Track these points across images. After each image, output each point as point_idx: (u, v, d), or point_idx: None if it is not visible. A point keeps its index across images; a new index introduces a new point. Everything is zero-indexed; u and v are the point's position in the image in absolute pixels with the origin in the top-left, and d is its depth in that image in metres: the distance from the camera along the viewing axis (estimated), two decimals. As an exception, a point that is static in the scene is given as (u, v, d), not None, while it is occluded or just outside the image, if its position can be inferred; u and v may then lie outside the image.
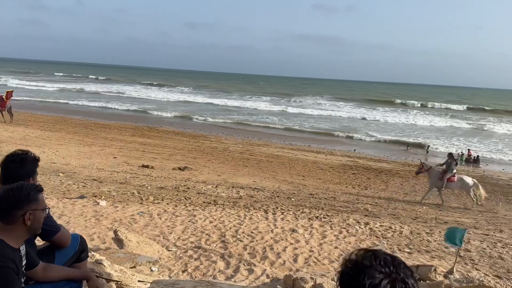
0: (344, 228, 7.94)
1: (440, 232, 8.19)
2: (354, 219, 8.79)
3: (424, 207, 11.76)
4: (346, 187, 14.15)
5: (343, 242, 7.03)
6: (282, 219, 8.25)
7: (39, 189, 2.23)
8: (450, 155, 13.60)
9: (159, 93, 58.09)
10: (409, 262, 5.91)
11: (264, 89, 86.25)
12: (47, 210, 2.30)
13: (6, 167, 2.39)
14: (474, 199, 12.49)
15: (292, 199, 10.99)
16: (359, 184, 14.79)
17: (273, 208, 9.26)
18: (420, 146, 25.96)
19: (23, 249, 2.19)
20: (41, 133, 20.37)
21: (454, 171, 13.05)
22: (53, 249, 2.55)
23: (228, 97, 59.40)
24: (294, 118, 37.65)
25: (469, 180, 12.92)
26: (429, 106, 57.79)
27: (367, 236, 7.53)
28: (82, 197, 8.71)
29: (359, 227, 8.11)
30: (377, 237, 7.56)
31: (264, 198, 10.82)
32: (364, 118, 39.85)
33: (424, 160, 15.38)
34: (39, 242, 2.72)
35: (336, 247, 6.69)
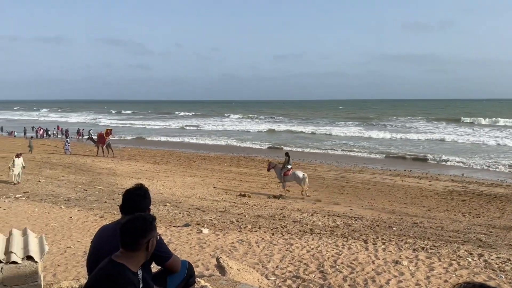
0: (454, 260, 7.29)
1: None
2: (465, 250, 8.02)
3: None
4: (455, 215, 13.01)
5: (454, 275, 6.45)
6: (384, 249, 7.85)
7: (155, 218, 2.48)
8: (287, 154, 16.61)
9: (252, 124, 60.21)
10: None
11: (355, 113, 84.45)
12: (158, 236, 2.54)
13: (131, 199, 2.69)
14: (305, 190, 15.38)
15: (394, 228, 10.42)
16: (469, 211, 13.51)
17: (373, 238, 8.87)
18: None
19: (140, 273, 2.43)
20: (150, 166, 22.27)
21: (289, 166, 16.13)
22: (165, 274, 2.77)
23: (318, 124, 59.30)
24: (388, 142, 36.09)
25: (300, 174, 15.98)
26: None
27: (481, 269, 6.80)
28: (186, 225, 9.28)
29: (472, 259, 7.37)
30: (493, 270, 6.79)
31: (363, 227, 10.43)
32: (468, 140, 36.63)
33: (270, 159, 18.76)
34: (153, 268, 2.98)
35: (446, 281, 6.16)
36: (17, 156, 15.35)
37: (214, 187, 16.66)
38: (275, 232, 9.08)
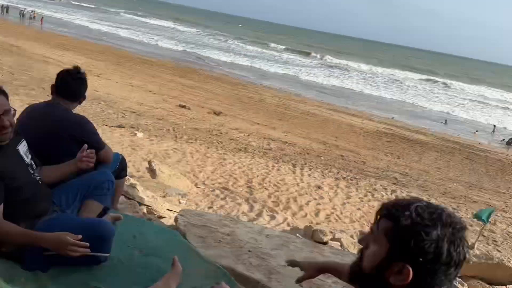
0: (370, 192, 7.99)
1: (467, 210, 8.11)
2: (381, 185, 8.80)
3: (455, 184, 11.56)
4: (378, 153, 14.00)
5: (367, 205, 7.11)
6: (309, 175, 8.36)
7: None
8: None
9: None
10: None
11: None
12: (92, 126, 2.49)
13: (70, 81, 2.40)
14: None
15: (322, 157, 11.04)
16: (392, 152, 14.59)
17: (301, 164, 9.36)
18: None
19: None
20: (86, 60, 20.87)
21: None
22: (96, 164, 2.71)
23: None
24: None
25: None
26: None
27: (391, 203, 7.56)
28: (120, 126, 9.07)
29: (385, 194, 8.13)
30: (401, 205, 7.58)
31: (294, 153, 10.92)
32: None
33: None
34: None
35: (359, 209, 6.79)
36: None
37: (154, 94, 16.21)
38: (211, 146, 9.23)
